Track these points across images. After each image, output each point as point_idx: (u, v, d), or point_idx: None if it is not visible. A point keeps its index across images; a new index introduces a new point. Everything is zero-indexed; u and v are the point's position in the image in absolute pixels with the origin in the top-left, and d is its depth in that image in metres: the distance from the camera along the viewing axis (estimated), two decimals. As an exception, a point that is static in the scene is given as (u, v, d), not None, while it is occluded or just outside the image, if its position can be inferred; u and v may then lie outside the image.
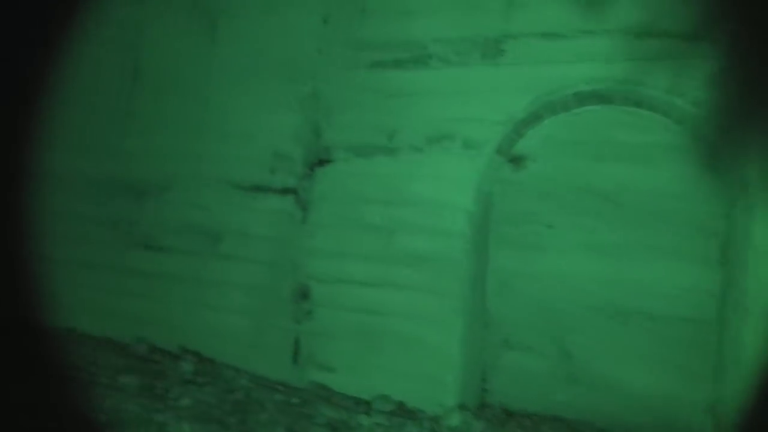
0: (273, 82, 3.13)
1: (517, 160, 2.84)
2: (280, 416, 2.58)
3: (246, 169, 3.19)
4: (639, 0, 2.52)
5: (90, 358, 3.18)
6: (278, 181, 3.09)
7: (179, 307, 3.24)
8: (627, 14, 2.53)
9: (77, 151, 3.74)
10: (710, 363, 2.56)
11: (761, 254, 2.27)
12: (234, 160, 3.23)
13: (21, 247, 3.77)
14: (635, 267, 2.70)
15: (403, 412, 2.62)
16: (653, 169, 2.69)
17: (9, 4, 3.22)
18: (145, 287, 3.35)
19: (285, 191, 3.07)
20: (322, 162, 2.97)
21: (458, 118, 2.70)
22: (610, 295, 2.73)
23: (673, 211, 2.65)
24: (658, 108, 2.59)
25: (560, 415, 2.69)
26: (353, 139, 2.90)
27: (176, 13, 3.45)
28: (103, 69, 3.70)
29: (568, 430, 2.63)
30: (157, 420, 2.46)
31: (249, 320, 3.04)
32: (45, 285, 3.71)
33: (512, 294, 2.79)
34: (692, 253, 2.60)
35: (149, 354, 3.21)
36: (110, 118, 3.65)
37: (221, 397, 2.71)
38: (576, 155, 2.80)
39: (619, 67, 2.56)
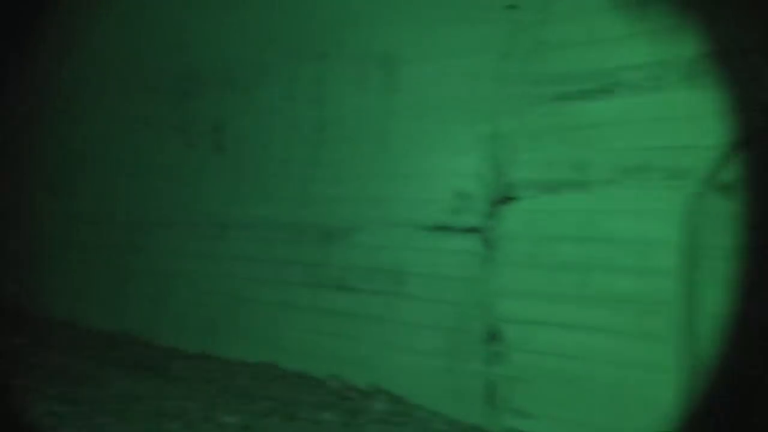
0: (452, 122, 3.17)
1: (725, 189, 2.57)
2: (477, 462, 2.53)
3: (429, 210, 3.24)
4: None
5: (289, 393, 3.39)
6: (462, 220, 3.10)
7: (370, 345, 3.35)
8: None
9: (271, 200, 4.09)
10: None
11: None
12: (417, 201, 3.31)
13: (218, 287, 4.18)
14: None
15: (611, 466, 2.44)
16: None
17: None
18: (337, 326, 3.52)
19: (469, 230, 3.06)
20: (506, 200, 2.93)
21: (658, 146, 2.52)
22: None
23: None
24: None
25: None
26: (539, 175, 2.83)
27: (355, 66, 3.66)
28: (291, 123, 4.03)
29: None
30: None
31: (438, 361, 3.05)
32: (245, 323, 4.06)
33: (732, 338, 2.49)
34: None
35: (343, 391, 3.35)
36: (299, 168, 3.94)
37: (417, 439, 2.74)
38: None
39: None
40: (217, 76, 4.50)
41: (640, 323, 2.47)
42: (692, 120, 2.48)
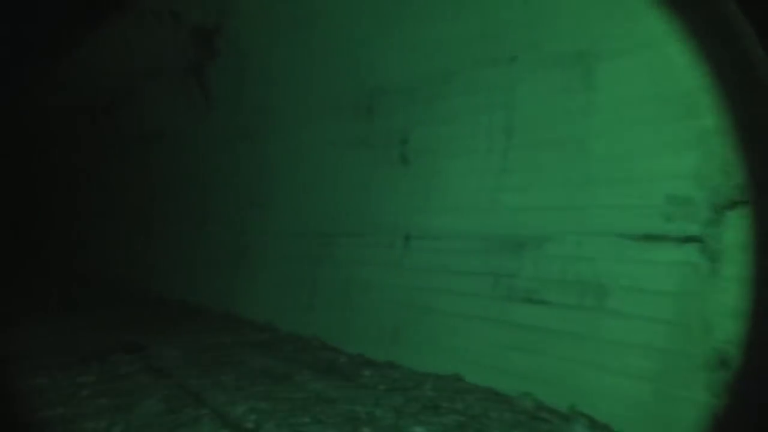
0: (663, 120, 2.85)
1: None
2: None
3: (634, 217, 2.94)
4: None
5: (477, 408, 3.26)
6: (676, 228, 2.75)
7: (566, 364, 3.10)
8: None
9: (457, 210, 4.02)
10: None
11: None
12: (619, 208, 3.02)
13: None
14: None
15: None
16: None
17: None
18: (528, 341, 3.32)
19: (685, 240, 2.71)
20: (734, 204, 2.54)
21: None
22: None
23: None
24: None
25: None
26: (778, 175, 2.40)
27: (548, 67, 3.47)
28: (478, 131, 3.94)
29: None
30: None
31: (649, 386, 2.72)
32: (431, 334, 4.02)
33: None
34: None
35: (536, 411, 3.13)
36: (486, 177, 3.83)
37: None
38: None
39: None
40: (401, 89, 4.58)
41: None
42: None
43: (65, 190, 11.68)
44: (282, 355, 4.52)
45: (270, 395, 3.48)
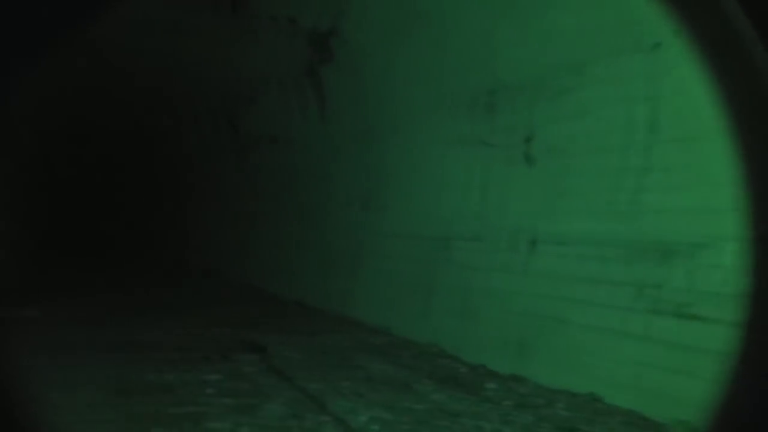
0: None
1: None
2: None
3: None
4: None
5: (620, 434, 2.94)
6: None
7: (730, 390, 2.70)
8: None
9: (590, 213, 3.69)
10: None
11: None
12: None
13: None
14: None
15: None
16: None
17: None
18: (680, 361, 2.95)
19: None
20: None
21: None
22: None
23: None
24: None
25: None
26: None
27: (704, 51, 3.07)
28: (614, 126, 3.59)
29: None
30: None
31: None
32: (562, 348, 3.71)
33: None
34: None
35: (692, 442, 2.76)
36: (625, 176, 3.48)
37: None
38: None
39: None
40: (525, 83, 4.30)
41: None
42: None
43: (187, 192, 12.36)
44: (399, 361, 4.39)
45: (391, 404, 3.35)
